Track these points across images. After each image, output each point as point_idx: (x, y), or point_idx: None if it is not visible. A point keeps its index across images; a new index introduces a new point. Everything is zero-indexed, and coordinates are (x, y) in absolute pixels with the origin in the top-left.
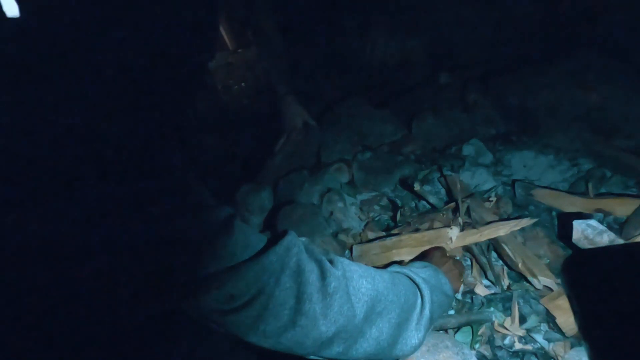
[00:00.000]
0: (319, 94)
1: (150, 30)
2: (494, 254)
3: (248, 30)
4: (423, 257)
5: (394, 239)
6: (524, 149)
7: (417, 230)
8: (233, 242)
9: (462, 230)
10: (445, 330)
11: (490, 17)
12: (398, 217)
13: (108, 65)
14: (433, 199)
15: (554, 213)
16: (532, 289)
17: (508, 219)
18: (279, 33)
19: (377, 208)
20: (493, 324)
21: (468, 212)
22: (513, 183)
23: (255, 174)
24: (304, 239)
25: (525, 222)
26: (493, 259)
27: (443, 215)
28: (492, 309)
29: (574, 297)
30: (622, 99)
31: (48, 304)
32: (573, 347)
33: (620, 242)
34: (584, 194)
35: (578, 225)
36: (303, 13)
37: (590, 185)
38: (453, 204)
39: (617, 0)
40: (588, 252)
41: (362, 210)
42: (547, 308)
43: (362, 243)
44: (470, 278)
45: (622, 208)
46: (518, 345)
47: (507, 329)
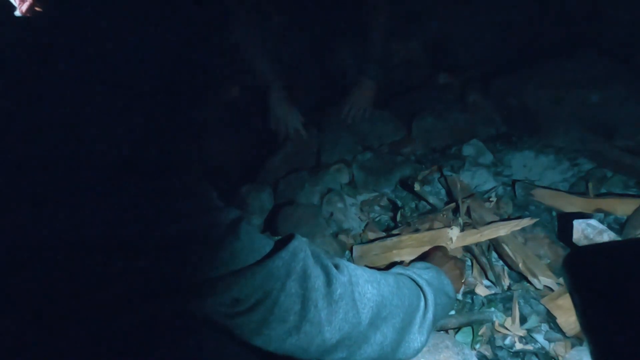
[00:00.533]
0: (319, 95)
1: (162, 34)
2: (495, 254)
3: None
4: (425, 257)
5: (395, 240)
6: (524, 149)
7: (417, 231)
8: (239, 245)
9: (462, 231)
10: (446, 331)
11: (490, 17)
12: (398, 217)
13: (122, 66)
14: (433, 200)
15: (554, 213)
16: (532, 289)
17: (508, 219)
18: (278, 33)
19: (377, 208)
20: (494, 324)
21: (468, 212)
22: (513, 183)
23: (256, 175)
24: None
25: (526, 222)
26: (493, 259)
27: (443, 216)
28: (492, 309)
29: (575, 292)
30: (622, 99)
31: (59, 300)
32: (574, 347)
33: None
34: (584, 194)
35: (578, 225)
36: (302, 13)
37: (591, 185)
38: (453, 204)
39: (617, 1)
40: (590, 247)
41: (362, 211)
42: (547, 308)
43: (362, 244)
44: (471, 278)
45: (622, 208)
46: (519, 346)
47: (507, 329)
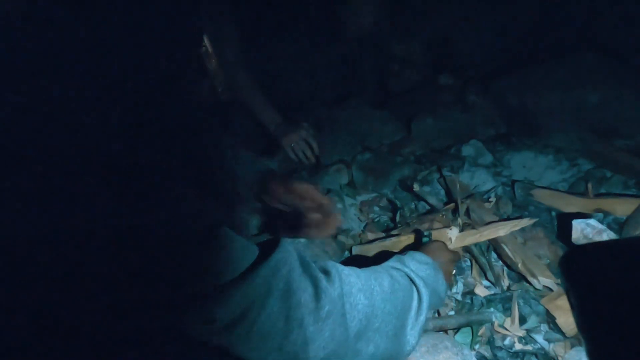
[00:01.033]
0: (318, 95)
1: (151, 35)
2: (494, 255)
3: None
4: (425, 247)
5: (394, 240)
6: (524, 150)
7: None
8: (216, 256)
9: (461, 231)
10: (445, 331)
11: (490, 18)
12: (397, 218)
13: (106, 68)
14: (432, 200)
15: (554, 213)
16: (532, 289)
17: (508, 220)
18: (277, 34)
19: (376, 209)
20: (493, 325)
21: (467, 212)
22: (513, 183)
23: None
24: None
25: (525, 222)
26: (493, 260)
27: (443, 216)
28: (492, 310)
29: (571, 292)
30: (621, 100)
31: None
32: (573, 347)
33: None
34: (584, 194)
35: (577, 225)
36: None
37: (590, 186)
38: (452, 205)
39: (617, 1)
40: (586, 246)
41: (361, 211)
42: (547, 308)
43: (361, 244)
44: (470, 279)
45: (621, 208)
46: (518, 346)
47: (507, 330)
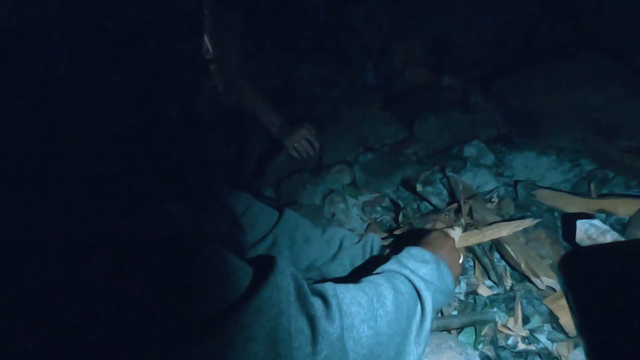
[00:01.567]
0: (321, 96)
1: (148, 30)
2: (497, 255)
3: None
4: (423, 238)
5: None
6: (526, 150)
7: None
8: (196, 282)
9: (464, 231)
10: (449, 331)
11: (492, 18)
12: (400, 218)
13: (106, 66)
14: (435, 200)
15: (557, 214)
16: (535, 290)
17: (510, 220)
18: (281, 38)
19: (379, 209)
20: (496, 325)
21: (470, 213)
22: (515, 184)
23: (258, 176)
24: (290, 215)
25: (528, 222)
26: (495, 260)
27: (445, 216)
28: (495, 310)
29: (570, 293)
30: (624, 100)
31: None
32: (576, 347)
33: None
34: (586, 195)
35: (581, 225)
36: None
37: (593, 186)
38: (455, 205)
39: (618, 0)
40: (584, 249)
41: (364, 212)
42: (550, 308)
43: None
44: (473, 279)
45: (624, 208)
46: (521, 346)
47: (510, 330)
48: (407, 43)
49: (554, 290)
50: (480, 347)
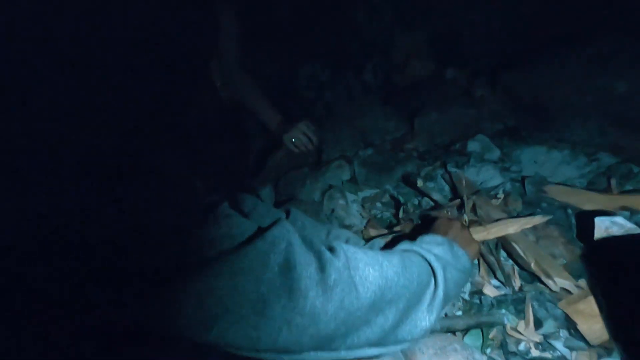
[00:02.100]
0: (320, 93)
1: (149, 29)
2: (503, 254)
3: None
4: (430, 226)
5: (397, 237)
6: (535, 145)
7: (417, 224)
8: (216, 231)
9: (467, 227)
10: (453, 333)
11: (499, 6)
12: (401, 214)
13: (108, 65)
14: (437, 196)
15: (570, 211)
16: (547, 291)
17: (518, 217)
18: (281, 28)
19: (379, 205)
20: (505, 327)
21: (474, 209)
22: (523, 180)
23: (257, 172)
24: (296, 214)
25: (538, 219)
26: (502, 259)
27: (447, 213)
28: (503, 311)
29: (600, 292)
30: None
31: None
32: (600, 358)
33: None
34: (606, 191)
35: (601, 223)
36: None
37: (614, 182)
38: (458, 201)
39: None
40: (611, 239)
41: (364, 208)
42: (566, 312)
43: (363, 240)
44: (478, 278)
45: None
46: (535, 352)
47: (521, 334)
48: (410, 36)
49: (570, 293)
50: (489, 351)
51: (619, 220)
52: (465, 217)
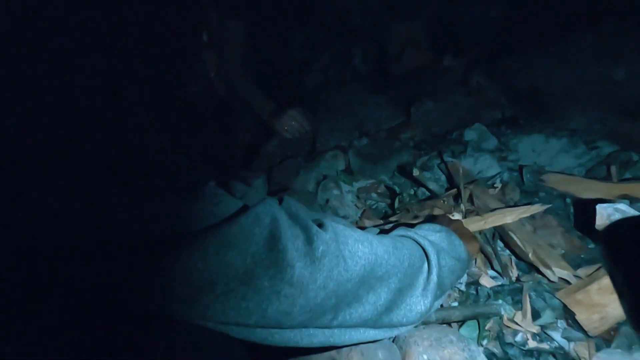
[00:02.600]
0: (315, 80)
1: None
2: (500, 244)
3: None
4: (432, 220)
5: (392, 227)
6: (533, 133)
7: (416, 217)
8: (200, 207)
9: (464, 218)
10: (449, 324)
11: None
12: (396, 204)
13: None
14: (433, 186)
15: (569, 200)
16: (545, 282)
17: (515, 206)
18: (275, 17)
19: (374, 196)
20: (502, 318)
21: (471, 199)
22: (520, 169)
23: (250, 162)
24: (289, 202)
25: (536, 208)
26: (499, 249)
27: (444, 202)
28: (500, 302)
29: (617, 269)
30: None
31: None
32: (599, 349)
33: None
34: (606, 179)
35: (603, 210)
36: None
37: (614, 170)
38: (454, 191)
39: None
40: (621, 223)
41: (359, 198)
42: (564, 303)
43: None
44: (475, 268)
45: None
46: (532, 343)
47: (518, 324)
48: (406, 23)
49: (568, 283)
50: (485, 342)
51: (622, 207)
52: (462, 206)
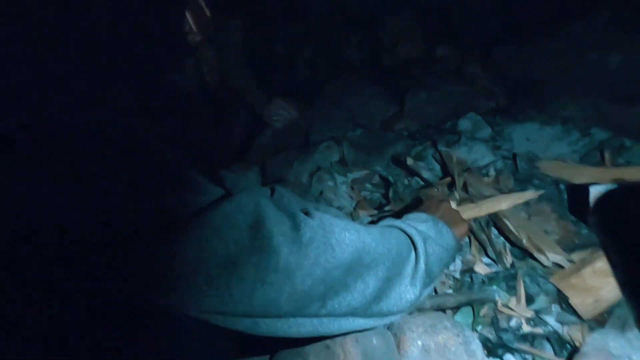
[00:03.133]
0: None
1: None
2: (495, 231)
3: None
4: (420, 207)
5: (385, 216)
6: (527, 121)
7: (410, 207)
8: (179, 194)
9: (459, 205)
10: (444, 310)
11: None
12: (391, 193)
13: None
14: (427, 175)
15: (562, 186)
16: (539, 267)
17: (510, 193)
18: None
19: (368, 186)
20: (496, 304)
21: (465, 187)
22: (514, 157)
23: (244, 154)
24: (281, 190)
25: (530, 194)
26: (494, 236)
27: (438, 191)
28: (494, 288)
29: (610, 243)
30: None
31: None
32: (593, 330)
33: None
34: (599, 165)
35: (596, 191)
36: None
37: (608, 155)
38: (449, 179)
39: None
40: (623, 186)
41: (353, 189)
42: (558, 287)
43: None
44: (469, 256)
45: None
46: (526, 328)
47: (512, 310)
48: (400, 15)
49: (562, 268)
50: (480, 328)
51: (614, 188)
52: (456, 194)
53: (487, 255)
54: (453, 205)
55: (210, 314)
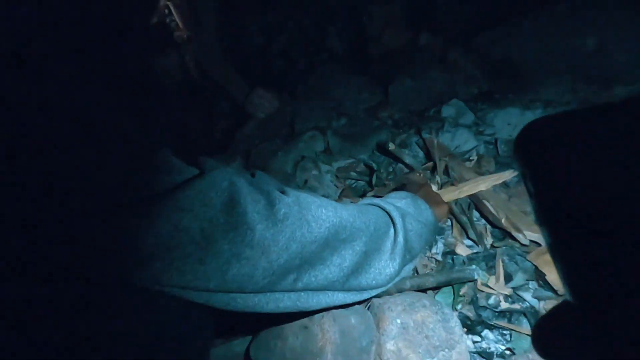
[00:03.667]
0: (292, 62)
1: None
2: (476, 214)
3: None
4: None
5: None
6: (508, 106)
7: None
8: (151, 173)
9: (440, 189)
10: (425, 291)
11: None
12: (374, 180)
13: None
14: (410, 161)
15: None
16: (517, 246)
17: (489, 175)
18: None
19: (353, 175)
20: (476, 283)
21: (447, 171)
22: (496, 141)
23: (227, 145)
24: (262, 174)
25: (508, 175)
26: (475, 219)
27: (420, 175)
28: (474, 267)
29: (529, 174)
30: (623, 43)
31: None
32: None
33: None
34: None
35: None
36: None
37: None
38: (431, 164)
39: None
40: (549, 117)
41: (337, 178)
42: (535, 264)
43: None
44: (451, 238)
45: None
46: (504, 305)
47: (491, 288)
48: (385, 3)
49: (539, 245)
50: (459, 307)
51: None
52: (438, 178)
53: (468, 237)
54: (434, 189)
55: (185, 290)
